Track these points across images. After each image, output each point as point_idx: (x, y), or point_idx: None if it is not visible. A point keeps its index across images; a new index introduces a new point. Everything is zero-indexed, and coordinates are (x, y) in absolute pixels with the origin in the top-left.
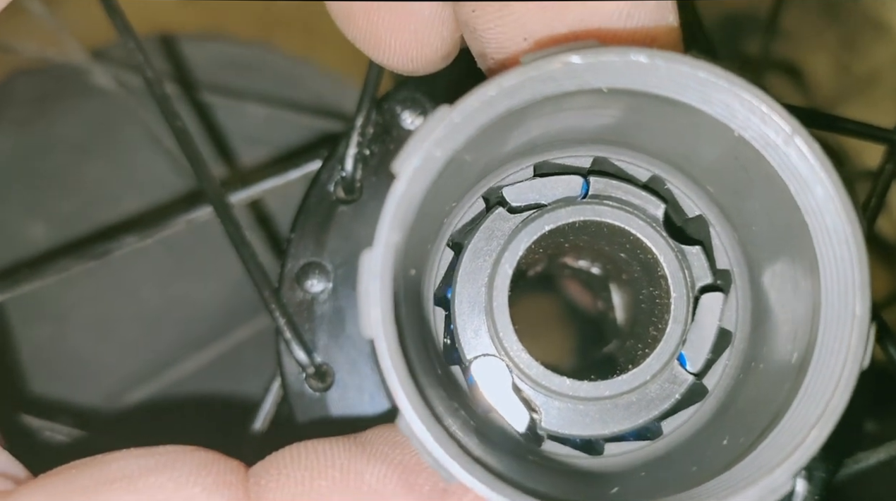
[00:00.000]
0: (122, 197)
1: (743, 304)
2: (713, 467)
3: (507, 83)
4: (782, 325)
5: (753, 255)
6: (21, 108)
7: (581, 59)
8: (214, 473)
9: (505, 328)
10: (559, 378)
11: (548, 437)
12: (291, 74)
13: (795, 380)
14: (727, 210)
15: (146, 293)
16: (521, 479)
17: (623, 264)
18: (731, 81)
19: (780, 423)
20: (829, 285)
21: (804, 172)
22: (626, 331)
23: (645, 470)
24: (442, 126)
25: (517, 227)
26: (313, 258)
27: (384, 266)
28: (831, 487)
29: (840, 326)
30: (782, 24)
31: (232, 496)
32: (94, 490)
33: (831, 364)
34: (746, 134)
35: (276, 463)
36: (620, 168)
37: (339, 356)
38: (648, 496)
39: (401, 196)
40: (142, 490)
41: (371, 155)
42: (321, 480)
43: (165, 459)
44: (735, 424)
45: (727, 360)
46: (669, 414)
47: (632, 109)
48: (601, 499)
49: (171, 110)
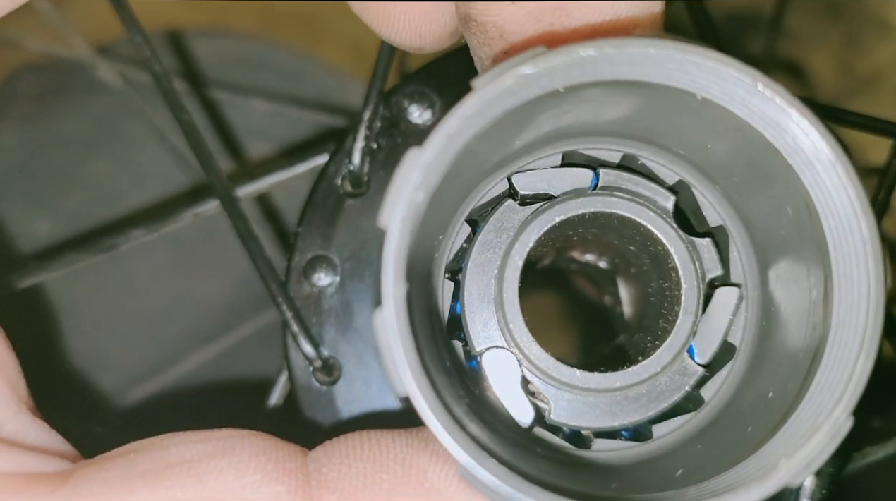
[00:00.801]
0: (126, 193)
1: (751, 318)
2: (703, 470)
3: (467, 112)
4: (789, 325)
5: (765, 262)
6: (26, 103)
7: (532, 68)
8: (274, 459)
9: (515, 319)
10: (570, 370)
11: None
12: (295, 69)
13: (803, 382)
14: (742, 213)
15: (151, 290)
16: (522, 466)
17: (632, 258)
18: (682, 50)
19: (786, 423)
20: (841, 271)
21: (809, 152)
22: (634, 325)
23: (638, 468)
24: (416, 171)
25: (527, 218)
26: (321, 252)
27: (399, 318)
28: (839, 481)
29: (854, 315)
30: (785, 24)
31: (292, 483)
32: (153, 474)
33: (844, 357)
34: (742, 112)
35: (338, 452)
36: (649, 168)
37: (347, 349)
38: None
39: (396, 249)
40: (202, 476)
41: (378, 149)
42: (383, 473)
43: (224, 444)
44: (733, 428)
45: (727, 372)
46: (668, 417)
47: (612, 99)
48: (599, 489)
49: (179, 104)
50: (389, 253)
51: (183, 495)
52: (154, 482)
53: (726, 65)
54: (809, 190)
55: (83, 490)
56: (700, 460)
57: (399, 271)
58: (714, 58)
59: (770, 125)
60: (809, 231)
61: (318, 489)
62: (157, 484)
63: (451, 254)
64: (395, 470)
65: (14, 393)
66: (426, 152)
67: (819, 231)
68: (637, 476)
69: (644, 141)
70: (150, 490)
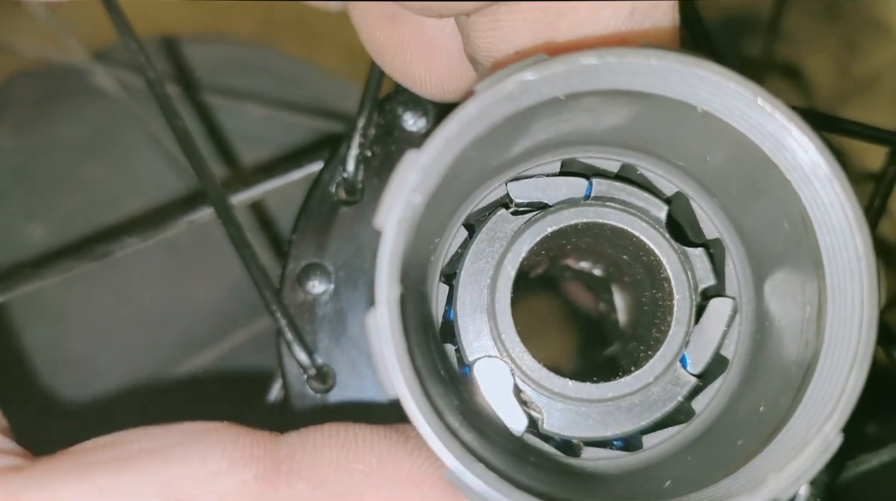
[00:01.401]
0: (121, 199)
1: (745, 331)
2: (692, 481)
3: (466, 117)
4: (783, 339)
5: (760, 275)
6: (22, 109)
7: (534, 74)
8: (241, 446)
9: (507, 329)
10: (562, 380)
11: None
12: (291, 75)
13: (795, 396)
14: (739, 226)
15: (145, 296)
16: (511, 472)
17: (625, 267)
18: (683, 62)
19: (776, 436)
20: (836, 286)
21: (807, 168)
22: (629, 333)
23: (627, 478)
24: (414, 173)
25: (520, 228)
26: (315, 260)
27: (392, 320)
28: (833, 489)
29: (847, 330)
30: (782, 26)
31: (259, 470)
32: (114, 463)
33: (837, 371)
34: (741, 125)
35: (312, 439)
36: (647, 179)
37: (341, 357)
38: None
39: (391, 250)
40: (166, 462)
41: (373, 156)
42: (357, 463)
43: (189, 435)
44: (723, 440)
45: (720, 385)
46: (659, 427)
47: (611, 108)
48: (588, 497)
49: (172, 110)
50: (384, 255)
51: (145, 480)
52: (115, 469)
53: (727, 78)
54: (806, 205)
55: (37, 478)
56: (689, 471)
57: (394, 273)
58: (715, 71)
59: (769, 140)
60: (805, 245)
61: (287, 474)
62: (117, 472)
63: (446, 258)
64: (369, 462)
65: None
66: (425, 155)
67: (815, 246)
68: (626, 485)
69: (643, 151)
70: (109, 477)
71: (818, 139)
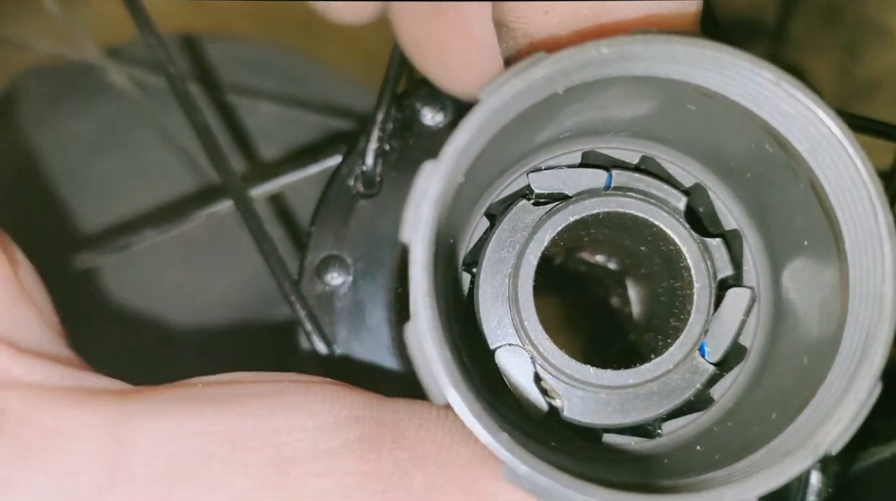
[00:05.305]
0: (134, 196)
1: (763, 321)
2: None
3: (474, 123)
4: (803, 323)
5: (778, 264)
6: (35, 105)
7: (541, 72)
8: (349, 406)
9: (530, 317)
10: (583, 367)
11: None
12: (301, 73)
13: (814, 380)
14: (757, 215)
15: (161, 289)
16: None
17: (642, 258)
18: (704, 47)
19: (797, 419)
20: (857, 271)
21: (830, 150)
22: (643, 325)
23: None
24: (434, 184)
25: (542, 218)
26: (333, 251)
27: (435, 334)
28: (845, 480)
29: (869, 309)
30: (785, 30)
31: (364, 432)
32: (224, 399)
33: (858, 353)
34: (763, 112)
35: (419, 413)
36: (666, 170)
37: (359, 348)
38: None
39: (423, 266)
40: (275, 408)
41: (391, 150)
42: (461, 448)
43: (298, 385)
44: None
45: (737, 374)
46: (677, 414)
47: (635, 93)
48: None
49: (193, 105)
50: (417, 266)
51: (253, 423)
52: (224, 406)
53: (751, 62)
54: (827, 188)
55: (146, 404)
56: (726, 444)
57: (429, 288)
58: (736, 55)
59: (789, 121)
60: (825, 230)
61: (391, 442)
62: (226, 409)
63: (469, 246)
64: (474, 448)
65: (61, 335)
66: (442, 165)
67: (837, 230)
68: (660, 463)
69: (662, 142)
70: (219, 413)
71: (840, 120)
